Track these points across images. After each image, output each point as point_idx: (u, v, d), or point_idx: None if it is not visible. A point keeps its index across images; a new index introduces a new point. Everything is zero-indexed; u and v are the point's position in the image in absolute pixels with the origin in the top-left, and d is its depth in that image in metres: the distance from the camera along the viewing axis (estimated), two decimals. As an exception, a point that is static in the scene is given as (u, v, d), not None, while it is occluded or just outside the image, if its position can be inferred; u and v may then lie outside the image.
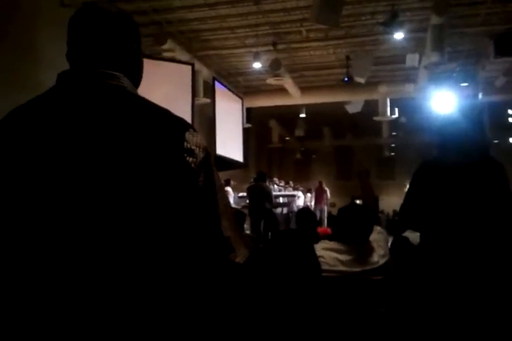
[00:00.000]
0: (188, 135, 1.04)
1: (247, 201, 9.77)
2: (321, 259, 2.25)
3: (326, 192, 14.90)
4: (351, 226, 2.42)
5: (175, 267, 0.99)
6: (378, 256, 2.33)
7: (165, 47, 9.96)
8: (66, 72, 1.08)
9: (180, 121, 1.07)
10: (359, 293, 2.21)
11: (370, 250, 2.36)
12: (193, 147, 1.03)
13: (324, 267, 2.23)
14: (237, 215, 3.71)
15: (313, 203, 14.81)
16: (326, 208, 14.78)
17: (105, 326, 0.91)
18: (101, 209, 0.94)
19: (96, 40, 1.09)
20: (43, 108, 1.03)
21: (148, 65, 1.23)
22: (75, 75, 1.07)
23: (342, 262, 2.27)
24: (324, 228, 9.61)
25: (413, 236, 3.64)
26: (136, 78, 1.17)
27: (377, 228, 2.56)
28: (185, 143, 1.02)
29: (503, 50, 10.22)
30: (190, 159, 1.02)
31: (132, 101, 1.06)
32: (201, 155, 1.05)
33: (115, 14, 1.13)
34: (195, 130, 1.07)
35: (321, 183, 15.11)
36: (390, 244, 2.63)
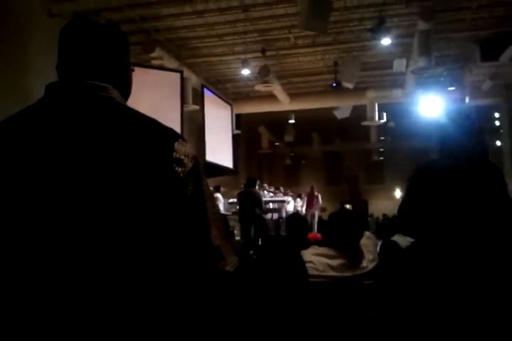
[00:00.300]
0: (177, 145, 1.05)
1: (237, 207, 9.76)
2: (310, 265, 2.26)
3: (317, 197, 14.90)
4: (341, 231, 2.44)
5: (164, 276, 0.99)
6: (367, 261, 2.35)
7: (153, 55, 9.98)
8: (55, 83, 1.09)
9: (170, 131, 1.08)
10: (349, 297, 2.23)
11: (359, 255, 2.38)
12: (181, 157, 1.04)
13: (314, 272, 2.24)
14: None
15: (304, 208, 14.81)
16: (317, 213, 14.78)
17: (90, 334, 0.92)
18: (90, 222, 0.94)
19: (85, 52, 1.10)
20: (33, 120, 1.04)
21: (137, 72, 1.23)
22: (63, 87, 1.08)
23: (332, 267, 2.28)
24: (314, 233, 9.63)
25: (402, 241, 3.66)
26: (126, 89, 1.18)
27: (367, 233, 2.58)
28: (174, 154, 1.03)
29: (489, 54, 10.36)
30: (179, 169, 1.03)
31: (121, 113, 1.07)
32: (190, 164, 1.06)
33: (104, 26, 1.14)
34: (184, 140, 1.08)
35: (312, 188, 15.09)
36: (378, 248, 2.65)
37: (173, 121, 7.51)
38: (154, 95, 7.66)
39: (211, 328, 1.17)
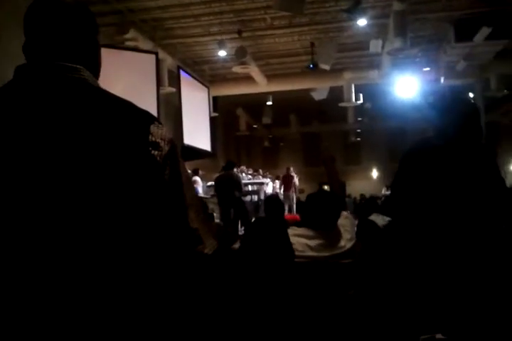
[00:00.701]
0: (153, 128, 1.04)
1: (214, 190, 9.75)
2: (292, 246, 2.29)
3: (293, 178, 14.70)
4: (319, 212, 2.47)
5: (143, 259, 0.99)
6: (345, 241, 2.39)
7: (127, 36, 9.80)
8: (25, 65, 1.06)
9: (145, 113, 1.07)
10: (328, 276, 2.27)
11: (337, 235, 2.42)
12: (158, 140, 1.04)
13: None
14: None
15: (281, 190, 14.65)
16: (294, 195, 14.46)
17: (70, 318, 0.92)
18: (66, 205, 0.93)
19: (54, 33, 1.07)
20: (3, 102, 1.01)
21: (110, 54, 1.22)
22: (35, 69, 1.05)
23: (311, 247, 2.32)
24: (293, 215, 9.68)
25: (379, 220, 3.73)
26: (96, 69, 1.16)
27: (344, 213, 2.62)
28: (150, 137, 1.03)
29: (463, 35, 10.46)
30: (156, 152, 1.03)
31: (95, 95, 1.06)
32: (166, 148, 1.05)
33: (72, 6, 1.11)
34: (160, 122, 1.07)
35: (288, 169, 14.77)
36: (356, 227, 2.69)
37: (148, 104, 7.42)
38: (129, 77, 7.54)
39: (194, 309, 1.18)
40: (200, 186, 11.10)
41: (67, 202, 0.94)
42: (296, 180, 14.51)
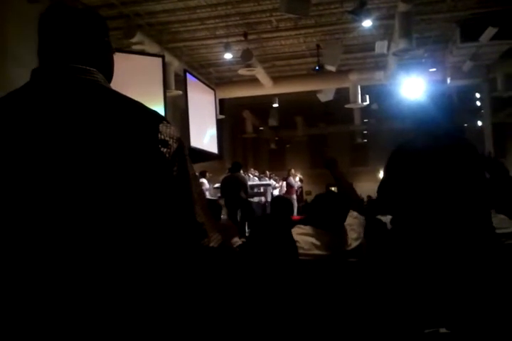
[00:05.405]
0: (161, 127, 1.09)
1: (220, 192, 9.77)
2: (296, 244, 2.32)
3: (296, 180, 14.43)
4: (327, 212, 2.49)
5: (150, 253, 1.03)
6: (351, 239, 2.41)
7: (134, 40, 9.86)
8: (40, 68, 1.11)
9: (154, 113, 1.12)
10: (334, 275, 2.29)
11: (343, 234, 2.44)
12: (166, 138, 1.08)
13: (300, 251, 2.30)
14: (213, 206, 3.76)
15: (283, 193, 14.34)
16: (295, 198, 13.85)
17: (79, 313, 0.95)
18: (78, 201, 0.97)
19: (67, 37, 1.12)
20: (19, 105, 1.05)
21: (117, 58, 1.25)
22: (49, 71, 1.09)
23: (316, 246, 2.34)
24: (299, 216, 9.66)
25: (385, 219, 3.74)
26: (109, 71, 1.20)
27: (353, 213, 2.64)
28: (159, 135, 1.07)
29: (469, 35, 10.43)
30: (165, 150, 1.07)
31: (107, 96, 1.10)
32: (175, 145, 1.09)
33: (83, 10, 1.16)
34: (168, 122, 1.12)
35: (289, 171, 14.52)
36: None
37: (155, 106, 7.46)
38: (136, 81, 7.59)
39: (199, 303, 1.21)
40: (207, 188, 11.13)
41: (79, 197, 0.97)
42: (298, 181, 14.25)
